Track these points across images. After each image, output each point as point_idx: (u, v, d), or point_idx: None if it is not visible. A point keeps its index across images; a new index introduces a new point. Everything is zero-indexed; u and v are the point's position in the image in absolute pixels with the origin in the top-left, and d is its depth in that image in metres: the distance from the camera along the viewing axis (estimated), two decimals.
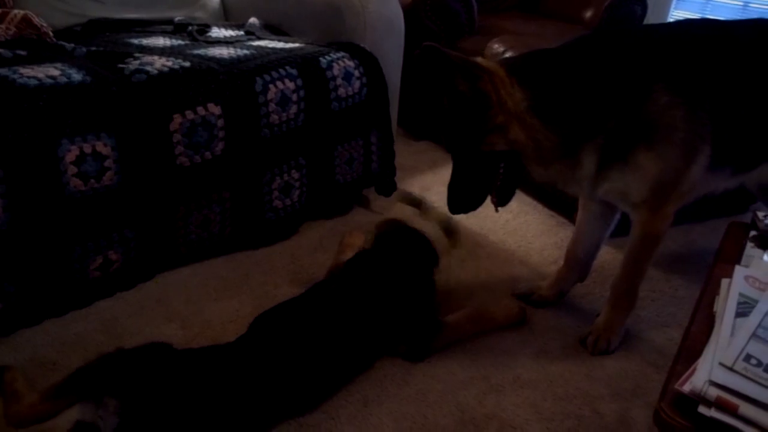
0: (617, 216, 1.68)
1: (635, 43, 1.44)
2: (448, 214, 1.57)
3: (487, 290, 1.80)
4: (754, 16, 4.03)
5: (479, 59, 1.42)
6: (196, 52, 1.84)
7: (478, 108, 1.36)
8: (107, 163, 1.48)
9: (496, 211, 1.57)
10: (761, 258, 1.04)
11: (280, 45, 2.00)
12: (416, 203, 1.74)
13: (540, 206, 2.33)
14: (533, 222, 2.23)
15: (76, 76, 1.51)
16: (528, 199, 2.38)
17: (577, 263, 1.74)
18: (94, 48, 1.76)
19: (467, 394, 1.41)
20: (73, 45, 1.77)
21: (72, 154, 1.42)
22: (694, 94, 1.37)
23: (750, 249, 1.09)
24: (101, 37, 1.98)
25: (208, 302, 1.65)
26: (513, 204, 2.30)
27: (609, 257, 1.92)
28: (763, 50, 1.49)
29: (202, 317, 1.59)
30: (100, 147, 1.47)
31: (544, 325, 1.66)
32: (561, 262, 1.79)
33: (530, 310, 1.71)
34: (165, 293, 1.67)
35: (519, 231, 2.16)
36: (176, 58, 1.72)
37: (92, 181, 1.46)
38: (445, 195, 1.51)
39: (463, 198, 1.48)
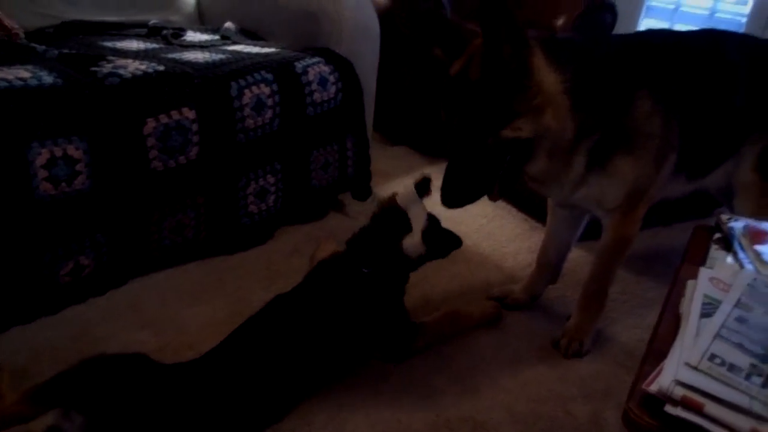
0: (585, 221, 1.72)
1: (631, 47, 1.47)
2: None
3: (462, 295, 1.81)
4: (720, 24, 4.13)
5: None
6: (170, 56, 1.83)
7: (519, 83, 1.24)
8: (79, 166, 1.46)
9: (494, 201, 1.45)
10: (725, 260, 1.07)
11: (255, 50, 2.00)
12: None
13: (514, 210, 2.36)
14: (507, 226, 2.25)
15: (47, 78, 1.49)
16: (502, 203, 2.40)
17: (549, 266, 1.77)
18: (66, 50, 1.73)
19: (442, 398, 1.42)
20: (44, 47, 1.74)
21: (42, 157, 1.40)
22: (670, 103, 1.41)
23: (714, 251, 1.11)
24: (74, 39, 1.96)
25: (182, 308, 1.64)
26: (487, 208, 2.34)
27: (580, 260, 1.95)
28: (715, 61, 1.54)
29: (176, 323, 1.58)
30: (72, 150, 1.45)
31: (517, 329, 1.68)
32: (534, 266, 1.81)
33: (504, 314, 1.73)
34: (138, 299, 1.66)
35: (493, 235, 2.18)
36: (150, 61, 1.71)
37: (63, 185, 1.44)
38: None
39: (463, 190, 1.36)
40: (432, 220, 1.53)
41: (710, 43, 1.58)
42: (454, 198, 1.36)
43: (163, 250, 1.72)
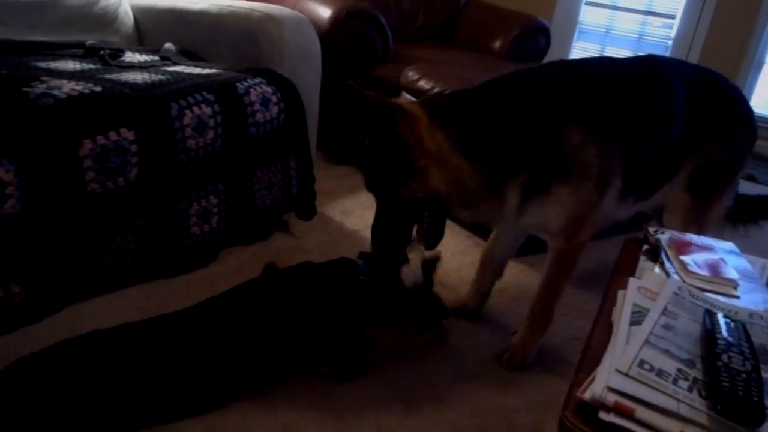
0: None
1: (551, 82, 1.49)
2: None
3: None
4: (647, 47, 4.35)
5: (402, 101, 1.40)
6: (108, 76, 1.79)
7: (398, 151, 1.33)
8: (9, 190, 1.41)
9: (427, 249, 1.54)
10: (652, 270, 1.12)
11: (196, 71, 1.98)
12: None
13: (457, 228, 2.40)
14: (450, 243, 2.28)
15: None
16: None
17: (492, 263, 1.81)
18: None
19: (387, 416, 1.42)
20: None
21: None
22: (606, 131, 1.46)
23: (643, 262, 1.16)
24: (5, 59, 1.89)
25: None
26: None
27: (522, 275, 2.00)
28: (656, 88, 1.61)
29: None
30: (1, 173, 1.40)
31: (462, 344, 1.71)
32: (478, 266, 1.85)
33: (449, 329, 1.75)
34: (75, 326, 1.59)
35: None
36: (87, 82, 1.67)
37: None
38: (366, 218, 1.53)
39: (386, 240, 1.46)
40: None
41: (650, 70, 1.64)
42: (381, 246, 1.47)
43: (101, 275, 1.67)
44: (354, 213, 2.42)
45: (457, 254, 2.20)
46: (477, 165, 1.37)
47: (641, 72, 1.64)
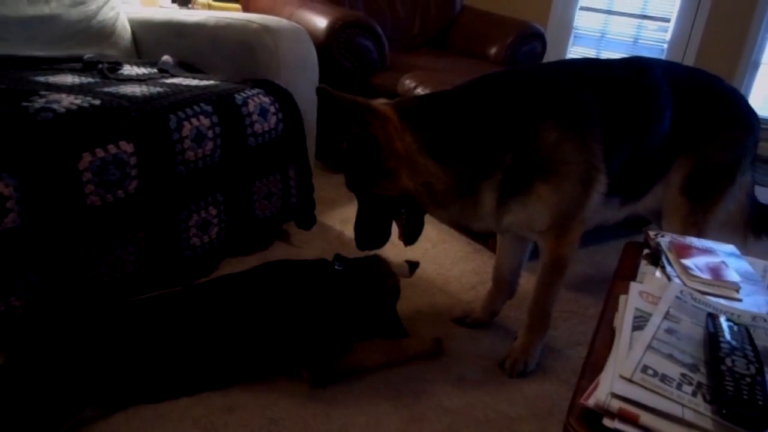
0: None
1: (524, 83, 1.50)
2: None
3: (407, 319, 1.82)
4: (643, 50, 4.37)
5: (375, 102, 1.41)
6: (106, 89, 1.80)
7: (370, 152, 1.36)
8: (9, 204, 1.41)
9: (405, 244, 1.57)
10: (653, 274, 1.12)
11: (194, 82, 1.99)
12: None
13: (457, 234, 2.40)
14: (451, 249, 2.29)
15: None
16: (445, 228, 2.45)
17: (504, 283, 1.81)
18: None
19: (390, 425, 1.42)
20: None
21: None
22: (583, 128, 1.45)
23: (644, 266, 1.16)
24: (4, 74, 1.90)
25: None
26: (431, 233, 2.38)
27: (522, 281, 1.99)
28: (641, 87, 1.62)
29: None
30: (1, 188, 1.40)
31: (464, 351, 1.70)
32: (479, 288, 1.85)
33: (449, 336, 1.75)
34: None
35: (438, 259, 2.21)
36: (85, 95, 1.68)
37: None
38: None
39: (367, 236, 1.49)
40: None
41: (633, 71, 1.65)
42: (363, 242, 1.50)
43: (101, 287, 1.67)
44: (353, 221, 2.42)
45: (458, 261, 2.20)
46: (444, 167, 1.38)
47: (623, 72, 1.65)
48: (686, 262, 1.13)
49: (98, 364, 1.36)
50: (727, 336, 0.87)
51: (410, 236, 1.53)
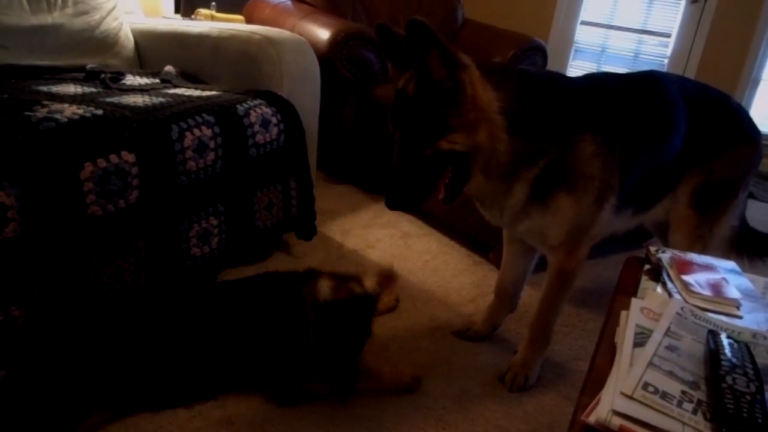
0: (537, 252, 1.76)
1: (576, 89, 1.52)
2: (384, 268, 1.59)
3: (407, 331, 1.82)
4: (644, 65, 4.39)
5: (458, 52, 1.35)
6: (109, 99, 1.80)
7: (452, 99, 1.28)
8: (10, 213, 1.41)
9: (444, 203, 1.45)
10: (654, 290, 1.11)
11: (196, 93, 2.00)
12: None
13: (457, 246, 2.40)
14: (451, 262, 2.29)
15: None
16: (446, 239, 2.45)
17: (507, 296, 1.81)
18: None
19: None
20: None
21: None
22: (613, 144, 1.47)
23: (644, 282, 1.16)
24: (6, 84, 1.91)
25: None
26: (432, 245, 2.38)
27: (524, 294, 1.99)
28: (659, 103, 1.63)
29: None
30: (2, 197, 1.40)
31: (464, 365, 1.70)
32: (479, 301, 1.85)
33: (449, 349, 1.74)
34: None
35: (438, 271, 2.21)
36: (88, 105, 1.68)
37: None
38: (366, 237, 1.53)
39: (405, 194, 1.39)
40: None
41: (651, 85, 1.67)
42: (396, 201, 1.39)
43: (101, 297, 1.67)
44: (353, 232, 2.43)
45: (458, 273, 2.20)
46: (511, 137, 1.36)
47: (642, 86, 1.66)
48: (687, 278, 1.13)
49: (91, 370, 1.38)
50: (728, 353, 0.86)
51: (452, 195, 1.43)
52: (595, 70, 4.52)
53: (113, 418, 1.37)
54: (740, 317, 1.05)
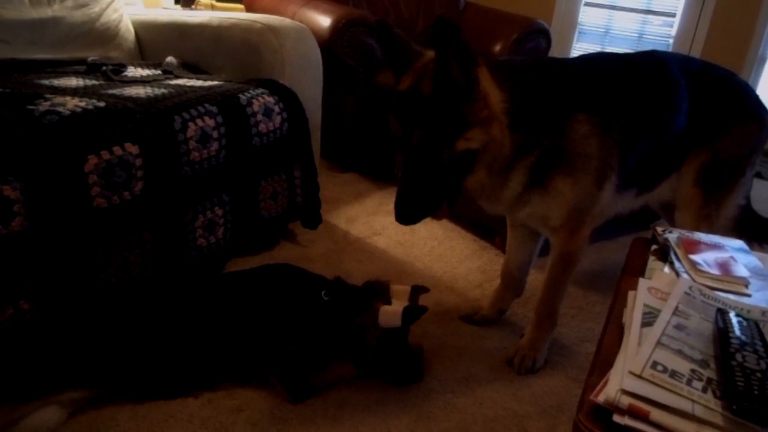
0: (542, 236, 1.75)
1: (567, 71, 1.52)
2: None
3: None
4: (648, 46, 4.35)
5: None
6: (111, 91, 1.80)
7: (468, 97, 1.28)
8: (15, 207, 1.41)
9: (440, 219, 1.44)
10: (662, 270, 1.11)
11: (198, 83, 1.99)
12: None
13: (463, 232, 2.40)
14: (458, 247, 2.28)
15: None
16: (451, 225, 2.44)
17: (513, 280, 1.81)
18: (0, 90, 1.69)
19: (399, 424, 1.41)
20: None
21: None
22: (609, 124, 1.47)
23: (652, 262, 1.15)
24: (8, 78, 1.91)
25: None
26: (437, 230, 2.37)
27: (529, 278, 1.98)
28: (659, 82, 1.62)
29: None
30: (8, 191, 1.40)
31: (471, 348, 1.70)
32: (486, 286, 1.85)
33: (456, 334, 1.75)
34: None
35: (444, 257, 2.21)
36: (90, 98, 1.68)
37: None
38: (372, 225, 1.52)
39: (417, 206, 1.33)
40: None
41: (652, 65, 1.65)
42: (410, 213, 1.33)
43: (109, 289, 1.67)
44: (359, 220, 2.42)
45: (464, 259, 2.20)
46: (513, 132, 1.37)
47: (643, 66, 1.65)
48: (695, 257, 1.13)
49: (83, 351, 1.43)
50: (737, 331, 0.86)
51: (451, 204, 1.40)
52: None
53: (97, 401, 1.39)
54: (749, 295, 1.05)
